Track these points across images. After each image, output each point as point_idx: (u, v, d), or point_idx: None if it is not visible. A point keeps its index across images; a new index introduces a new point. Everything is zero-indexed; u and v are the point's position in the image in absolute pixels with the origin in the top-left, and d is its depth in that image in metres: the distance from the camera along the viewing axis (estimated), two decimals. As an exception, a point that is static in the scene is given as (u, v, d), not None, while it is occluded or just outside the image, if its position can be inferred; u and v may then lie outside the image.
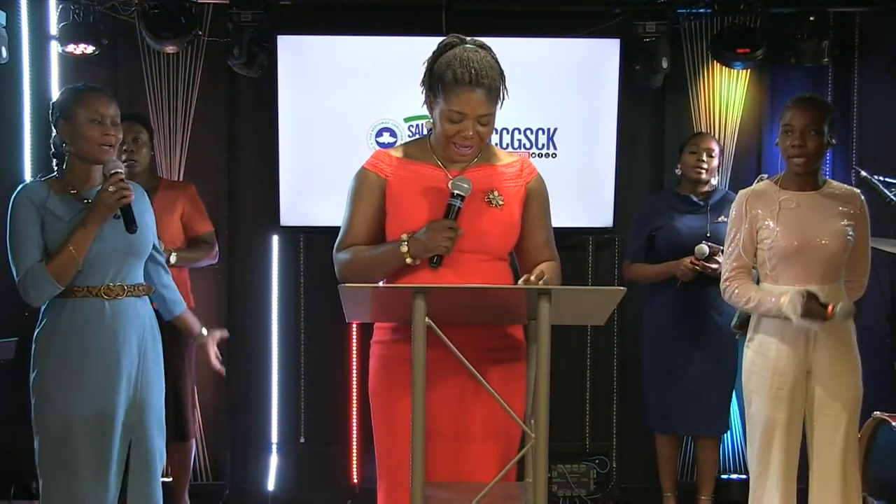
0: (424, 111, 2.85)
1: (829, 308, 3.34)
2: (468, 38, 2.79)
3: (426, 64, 2.80)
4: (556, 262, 2.91)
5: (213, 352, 3.65)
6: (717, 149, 4.73)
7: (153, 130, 4.74)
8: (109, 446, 3.19)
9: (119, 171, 3.21)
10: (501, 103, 2.78)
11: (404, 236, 2.74)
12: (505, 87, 2.78)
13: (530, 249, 2.89)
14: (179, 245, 4.52)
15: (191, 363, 4.59)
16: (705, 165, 4.66)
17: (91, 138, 3.20)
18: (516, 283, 2.74)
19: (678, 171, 4.77)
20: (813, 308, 3.34)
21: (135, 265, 3.31)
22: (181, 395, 4.47)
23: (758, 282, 3.62)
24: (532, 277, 2.66)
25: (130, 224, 3.19)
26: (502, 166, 2.88)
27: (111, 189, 3.16)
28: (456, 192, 2.72)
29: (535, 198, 2.89)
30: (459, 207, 2.72)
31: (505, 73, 2.79)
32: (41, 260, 3.16)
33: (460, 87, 2.69)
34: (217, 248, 4.67)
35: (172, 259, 4.35)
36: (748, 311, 3.57)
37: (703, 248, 4.46)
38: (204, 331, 3.65)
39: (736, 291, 3.55)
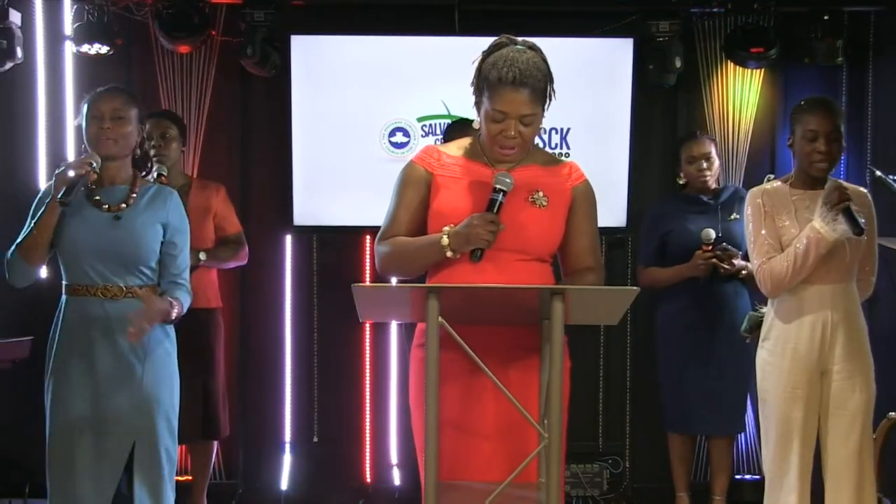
0: (437, 111, 2.86)
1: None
2: (519, 39, 2.77)
3: (475, 65, 2.78)
4: (599, 269, 2.89)
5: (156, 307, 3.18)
6: (713, 149, 4.68)
7: (185, 126, 4.71)
8: (109, 447, 3.19)
9: (91, 162, 3.20)
10: (548, 105, 2.76)
11: (446, 229, 2.73)
12: (552, 89, 2.76)
13: (573, 254, 2.88)
14: (210, 246, 4.52)
15: (220, 362, 4.58)
16: (708, 173, 4.63)
17: (91, 134, 3.27)
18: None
19: (681, 181, 4.73)
20: (830, 195, 3.35)
21: (128, 269, 3.26)
22: (212, 393, 4.49)
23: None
24: None
25: None
26: (550, 168, 2.88)
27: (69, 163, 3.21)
28: (498, 186, 2.70)
29: (581, 203, 2.87)
30: (501, 202, 2.70)
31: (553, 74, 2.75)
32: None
33: (503, 86, 2.68)
34: (247, 249, 4.66)
35: (201, 257, 4.34)
36: (797, 270, 3.42)
37: (710, 232, 4.43)
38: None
39: (774, 263, 3.46)
